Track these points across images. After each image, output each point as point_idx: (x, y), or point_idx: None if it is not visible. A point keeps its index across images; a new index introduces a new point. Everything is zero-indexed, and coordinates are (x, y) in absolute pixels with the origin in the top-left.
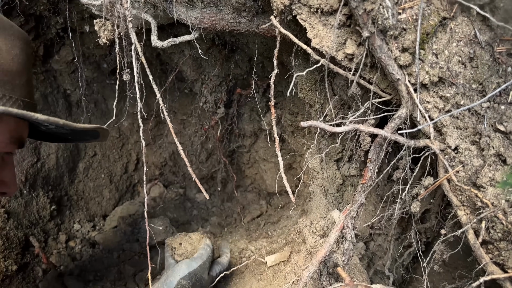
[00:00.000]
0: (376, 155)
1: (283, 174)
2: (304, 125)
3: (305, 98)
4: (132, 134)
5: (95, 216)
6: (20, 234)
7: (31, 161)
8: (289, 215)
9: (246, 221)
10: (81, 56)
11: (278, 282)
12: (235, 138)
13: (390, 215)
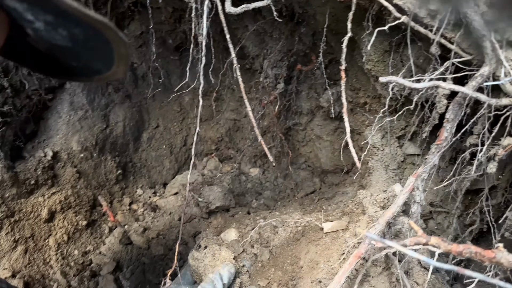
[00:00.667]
0: (454, 114)
1: (349, 139)
2: (382, 80)
3: (372, 70)
4: (192, 109)
5: (156, 184)
6: (89, 193)
7: (101, 127)
8: (345, 191)
9: (300, 196)
10: (152, 32)
11: (336, 247)
12: (292, 115)
13: (458, 186)
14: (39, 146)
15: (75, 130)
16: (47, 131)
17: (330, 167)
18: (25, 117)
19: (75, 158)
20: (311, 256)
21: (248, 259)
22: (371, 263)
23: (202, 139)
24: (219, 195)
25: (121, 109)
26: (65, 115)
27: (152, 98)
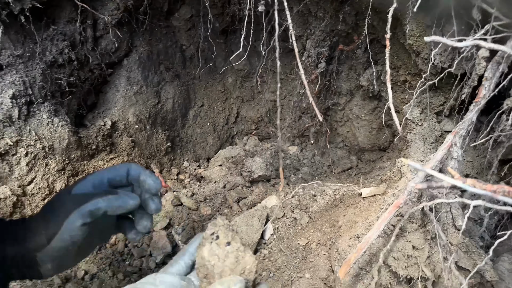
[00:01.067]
0: (493, 73)
1: (391, 105)
2: (427, 39)
3: (413, 45)
4: (234, 90)
5: (200, 158)
6: (142, 161)
7: (153, 102)
8: (382, 166)
9: (337, 172)
10: (201, 15)
11: (374, 208)
12: (331, 95)
13: (493, 154)
14: (99, 116)
15: (131, 103)
16: (105, 103)
17: (367, 145)
18: (87, 89)
19: (130, 129)
20: (350, 217)
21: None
22: (407, 219)
23: (243, 118)
24: (261, 165)
25: (171, 87)
26: (123, 89)
27: (198, 79)
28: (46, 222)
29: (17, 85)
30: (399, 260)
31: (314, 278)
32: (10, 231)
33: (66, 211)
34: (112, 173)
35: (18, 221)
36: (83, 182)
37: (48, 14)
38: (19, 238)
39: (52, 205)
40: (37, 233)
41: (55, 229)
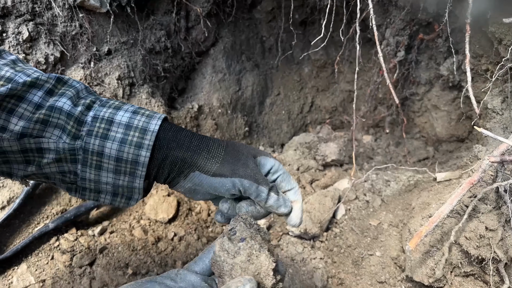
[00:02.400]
0: None
1: (470, 88)
2: (506, 21)
3: (496, 32)
4: (310, 80)
5: (275, 144)
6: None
7: (235, 89)
8: (459, 155)
9: (412, 161)
10: (282, 7)
11: (449, 190)
12: (409, 85)
13: None
14: (187, 100)
15: (215, 89)
16: (193, 88)
17: (445, 136)
18: (178, 75)
19: (214, 112)
20: (423, 199)
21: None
22: (481, 200)
23: (317, 108)
24: (334, 150)
25: (250, 75)
26: (209, 76)
27: (276, 69)
28: (227, 162)
29: (122, 68)
30: (471, 240)
31: (384, 256)
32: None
33: (243, 172)
34: (284, 176)
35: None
36: (264, 158)
37: (148, 6)
38: (198, 150)
39: (241, 156)
40: (213, 159)
41: (225, 173)
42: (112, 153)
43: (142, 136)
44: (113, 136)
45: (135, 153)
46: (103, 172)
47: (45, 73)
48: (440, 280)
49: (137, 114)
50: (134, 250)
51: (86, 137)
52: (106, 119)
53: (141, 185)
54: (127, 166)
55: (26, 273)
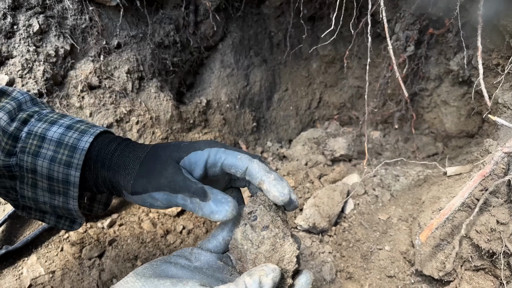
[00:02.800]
0: None
1: (482, 80)
2: None
3: (508, 26)
4: (318, 75)
5: (282, 140)
6: (231, 138)
7: (243, 84)
8: (469, 151)
9: (421, 157)
10: (291, 1)
11: (460, 184)
12: (418, 80)
13: None
14: (196, 94)
15: (223, 84)
16: (201, 83)
17: (455, 132)
18: (187, 70)
19: (222, 107)
20: (433, 194)
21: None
22: (492, 194)
23: (325, 104)
24: (343, 145)
25: (259, 71)
26: (217, 71)
27: (284, 64)
28: (140, 177)
29: (131, 62)
30: (482, 233)
31: (393, 251)
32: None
33: (156, 185)
34: (230, 160)
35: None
36: (194, 154)
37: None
38: (116, 168)
39: (158, 165)
40: (129, 177)
41: (139, 190)
42: (44, 171)
43: (71, 155)
44: (44, 153)
45: (65, 172)
46: (38, 190)
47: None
48: (450, 274)
49: (71, 129)
50: (143, 243)
51: (20, 154)
52: (38, 135)
53: (76, 207)
54: (59, 186)
55: (36, 264)
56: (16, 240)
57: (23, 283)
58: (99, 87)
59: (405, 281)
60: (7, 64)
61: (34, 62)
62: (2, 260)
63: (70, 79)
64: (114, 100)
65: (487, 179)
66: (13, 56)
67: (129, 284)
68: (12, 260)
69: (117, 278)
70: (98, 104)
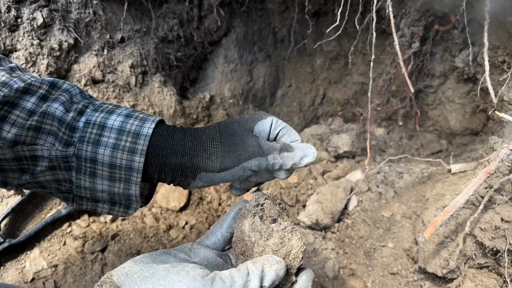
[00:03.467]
0: None
1: (488, 77)
2: None
3: None
4: (322, 71)
5: None
6: None
7: (246, 79)
8: (474, 148)
9: (425, 154)
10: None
11: (464, 182)
12: (423, 77)
13: None
14: (199, 90)
15: (227, 80)
16: (205, 78)
17: (459, 129)
18: (191, 65)
19: (225, 103)
20: (437, 191)
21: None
22: (497, 191)
23: (328, 100)
24: (347, 142)
25: (262, 66)
26: (220, 66)
27: (288, 60)
28: (227, 154)
29: (135, 56)
30: (486, 231)
31: (396, 248)
32: (191, 140)
33: (247, 155)
34: (283, 124)
35: (205, 134)
36: (261, 123)
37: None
38: (194, 153)
39: (237, 138)
40: (213, 156)
41: (230, 165)
42: (105, 159)
43: (135, 141)
44: (105, 141)
45: (129, 158)
46: (97, 179)
47: (39, 78)
48: (454, 272)
49: (130, 117)
50: (146, 237)
51: (78, 144)
52: (98, 124)
53: (137, 192)
54: (122, 173)
55: (38, 258)
56: (19, 233)
57: (26, 276)
58: (102, 81)
59: (408, 278)
60: (11, 58)
61: (37, 55)
62: (5, 254)
63: (74, 73)
64: (118, 94)
65: (492, 177)
66: (17, 50)
67: (126, 269)
68: (15, 253)
69: None
70: (101, 98)
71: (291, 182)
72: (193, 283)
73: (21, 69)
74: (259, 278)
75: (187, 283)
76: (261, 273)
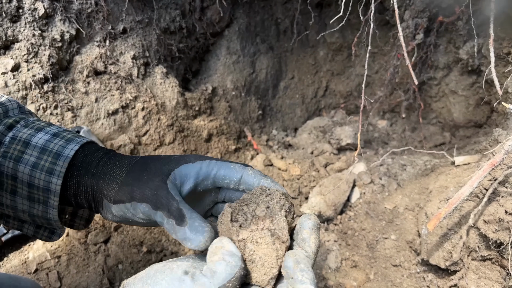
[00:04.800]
0: None
1: (493, 68)
2: None
3: None
4: (325, 63)
5: (288, 128)
6: (236, 125)
7: (249, 71)
8: (477, 140)
9: (428, 147)
10: None
11: (468, 174)
12: (427, 69)
13: None
14: (201, 81)
15: (229, 71)
16: (207, 70)
17: (462, 122)
18: (193, 56)
19: (228, 95)
20: (441, 183)
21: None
22: (501, 184)
23: (331, 92)
24: (350, 134)
25: (265, 58)
26: (223, 58)
27: (291, 52)
28: (125, 185)
29: (137, 47)
30: (490, 223)
31: (399, 240)
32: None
33: (140, 195)
34: (223, 171)
35: (121, 160)
36: (184, 167)
37: None
38: (101, 175)
39: (145, 175)
40: (114, 184)
41: (123, 198)
42: (25, 177)
43: (54, 162)
44: (26, 159)
45: (46, 179)
46: (18, 198)
47: None
48: (457, 264)
49: (57, 137)
50: (149, 229)
51: (1, 159)
52: (23, 141)
53: (55, 217)
54: (39, 194)
55: (41, 249)
56: None
57: (29, 267)
58: (104, 72)
59: (410, 270)
60: (13, 48)
61: (39, 46)
62: (8, 245)
63: (76, 64)
64: (120, 86)
65: (497, 169)
66: (18, 40)
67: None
68: (19, 244)
69: (123, 264)
70: (103, 90)
71: (293, 174)
72: (173, 280)
73: None
74: (209, 277)
75: (169, 280)
76: (209, 272)
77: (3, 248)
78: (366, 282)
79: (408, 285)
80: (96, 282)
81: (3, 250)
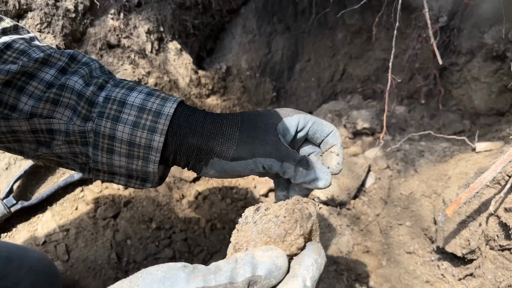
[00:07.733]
0: None
1: None
2: None
3: None
4: (343, 46)
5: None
6: (250, 107)
7: (264, 51)
8: (499, 128)
9: (447, 134)
10: None
11: (489, 160)
12: (449, 54)
13: None
14: (216, 60)
15: (244, 51)
16: (222, 49)
17: (484, 109)
18: (208, 34)
19: (242, 75)
20: (461, 169)
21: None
22: None
23: (348, 76)
24: (366, 117)
25: (281, 39)
26: (238, 37)
27: (308, 33)
28: (243, 143)
29: (151, 22)
30: (511, 212)
31: (414, 227)
32: (211, 123)
33: (262, 151)
34: (317, 125)
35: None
36: (286, 120)
37: None
38: (211, 135)
39: (258, 132)
40: (229, 143)
41: (244, 155)
42: (124, 137)
43: (156, 120)
44: (125, 118)
45: (149, 137)
46: (115, 155)
47: (58, 50)
48: (474, 252)
49: (152, 96)
50: (159, 206)
51: (97, 119)
52: (118, 100)
53: (155, 170)
54: (140, 151)
55: (50, 221)
56: (31, 196)
57: (38, 239)
58: (118, 46)
59: (425, 258)
60: (26, 17)
61: (53, 16)
62: (17, 215)
63: (89, 36)
64: (133, 60)
65: None
66: (32, 9)
67: None
68: (27, 215)
69: (131, 239)
70: (116, 64)
71: None
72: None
73: (40, 40)
74: (250, 265)
75: (165, 270)
76: (252, 260)
77: (12, 218)
78: (378, 268)
79: (421, 273)
80: (104, 257)
81: (12, 221)
